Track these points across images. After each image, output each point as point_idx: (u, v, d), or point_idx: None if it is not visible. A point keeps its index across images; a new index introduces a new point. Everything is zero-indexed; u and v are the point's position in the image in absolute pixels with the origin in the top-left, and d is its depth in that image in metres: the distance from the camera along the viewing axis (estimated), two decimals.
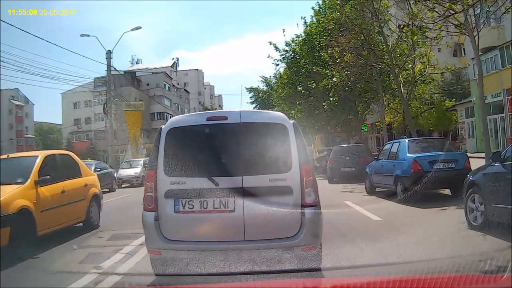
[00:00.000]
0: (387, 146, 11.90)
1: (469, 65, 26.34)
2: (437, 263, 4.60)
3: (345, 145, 20.04)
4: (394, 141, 11.85)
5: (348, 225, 7.72)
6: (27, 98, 74.73)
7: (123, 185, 23.19)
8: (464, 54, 36.37)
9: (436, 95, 32.39)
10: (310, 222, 4.44)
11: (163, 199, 4.54)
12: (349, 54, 17.72)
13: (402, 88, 18.62)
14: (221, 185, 4.42)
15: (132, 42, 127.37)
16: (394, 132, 34.23)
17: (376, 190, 12.36)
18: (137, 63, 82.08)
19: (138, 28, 28.90)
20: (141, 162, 24.56)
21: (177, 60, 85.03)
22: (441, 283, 2.65)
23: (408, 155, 10.39)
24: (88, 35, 30.08)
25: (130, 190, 21.18)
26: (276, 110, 38.85)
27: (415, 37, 15.87)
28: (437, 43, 16.62)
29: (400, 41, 17.74)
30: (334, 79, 19.53)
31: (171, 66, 79.98)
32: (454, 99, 32.52)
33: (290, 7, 69.73)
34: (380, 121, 34.27)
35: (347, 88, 20.69)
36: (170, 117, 44.56)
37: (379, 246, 5.92)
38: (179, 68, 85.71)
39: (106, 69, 28.48)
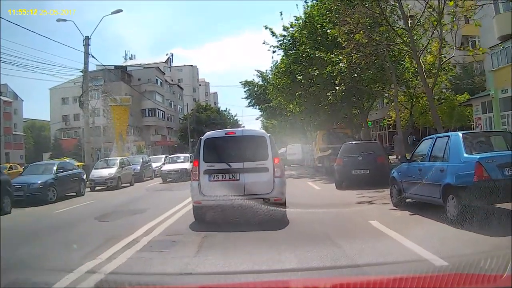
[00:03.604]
0: (426, 143, 8.37)
1: (496, 50, 22.67)
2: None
3: (356, 142, 16.54)
4: (438, 135, 8.31)
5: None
6: (16, 94, 70.89)
7: (97, 188, 19.67)
8: (473, 47, 33.20)
9: (444, 90, 29.11)
10: (277, 185, 7.81)
11: (203, 174, 7.88)
12: (361, 32, 14.21)
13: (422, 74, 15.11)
14: (233, 167, 7.82)
15: (127, 40, 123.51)
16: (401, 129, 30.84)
17: (407, 200, 8.93)
18: (130, 58, 78.30)
19: (119, 11, 25.20)
20: (118, 161, 20.98)
21: (171, 55, 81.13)
22: (441, 283, 2.63)
23: (466, 155, 6.90)
24: (65, 20, 26.24)
25: (102, 194, 17.64)
26: (272, 104, 35.56)
27: (451, 2, 12.40)
28: (470, 17, 13.17)
29: (426, 16, 14.18)
30: (341, 64, 16.03)
31: (165, 62, 76.14)
32: (466, 93, 29.18)
33: (289, 6, 66.58)
34: (391, 117, 30.95)
35: (355, 75, 17.18)
36: (163, 113, 41.19)
37: None
38: (175, 66, 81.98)
39: (84, 56, 24.84)
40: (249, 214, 7.76)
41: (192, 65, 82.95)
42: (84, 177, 18.46)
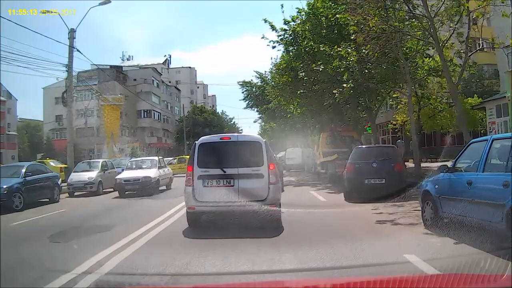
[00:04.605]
0: (477, 147, 6.22)
1: None
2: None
3: (369, 146, 14.38)
4: (495, 136, 6.13)
5: None
6: (10, 93, 68.72)
7: (76, 193, 17.49)
8: (481, 50, 31.24)
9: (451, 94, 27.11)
10: (272, 192, 7.52)
11: (197, 179, 7.58)
12: (375, 18, 12.14)
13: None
14: (227, 172, 7.54)
15: (126, 43, 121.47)
16: (408, 134, 28.85)
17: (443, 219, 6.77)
18: (128, 59, 76.22)
19: (107, 2, 23.17)
20: (100, 164, 18.81)
21: (169, 57, 79.11)
22: (441, 283, 2.61)
23: None
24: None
25: (78, 202, 15.46)
26: (271, 106, 33.44)
27: None
28: (503, 1, 11.13)
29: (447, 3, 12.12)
30: (350, 58, 13.94)
31: (162, 63, 74.16)
32: (476, 96, 27.19)
33: (289, 5, 64.24)
34: (397, 120, 28.93)
35: (366, 71, 15.09)
36: (159, 115, 37.25)
37: None
38: (173, 67, 79.82)
39: (68, 50, 22.72)
40: (243, 220, 7.81)
41: (190, 67, 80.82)
42: (60, 181, 16.30)
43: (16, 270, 5.33)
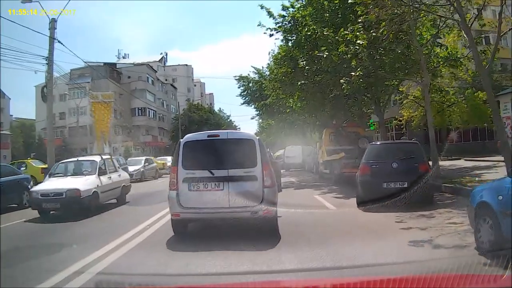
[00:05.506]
0: None
1: None
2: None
3: (388, 143, 12.36)
4: None
5: None
6: (4, 92, 66.69)
7: None
8: (487, 43, 29.38)
9: (456, 87, 25.18)
10: (267, 196, 6.58)
11: (182, 183, 6.70)
12: None
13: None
14: (216, 174, 6.61)
15: (123, 42, 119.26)
16: (414, 130, 26.95)
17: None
18: (123, 57, 74.14)
19: None
20: None
21: (166, 54, 77.10)
22: (441, 283, 2.54)
23: None
24: (31, 1, 22.29)
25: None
26: (269, 102, 31.40)
27: None
28: None
29: None
30: (359, 41, 11.95)
31: (158, 61, 72.17)
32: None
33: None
34: (402, 116, 27.02)
35: (377, 57, 13.11)
36: (154, 113, 33.70)
37: None
38: (169, 65, 77.76)
39: (49, 42, 20.75)
40: (233, 229, 7.08)
41: (186, 65, 78.72)
42: (32, 184, 14.30)
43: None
